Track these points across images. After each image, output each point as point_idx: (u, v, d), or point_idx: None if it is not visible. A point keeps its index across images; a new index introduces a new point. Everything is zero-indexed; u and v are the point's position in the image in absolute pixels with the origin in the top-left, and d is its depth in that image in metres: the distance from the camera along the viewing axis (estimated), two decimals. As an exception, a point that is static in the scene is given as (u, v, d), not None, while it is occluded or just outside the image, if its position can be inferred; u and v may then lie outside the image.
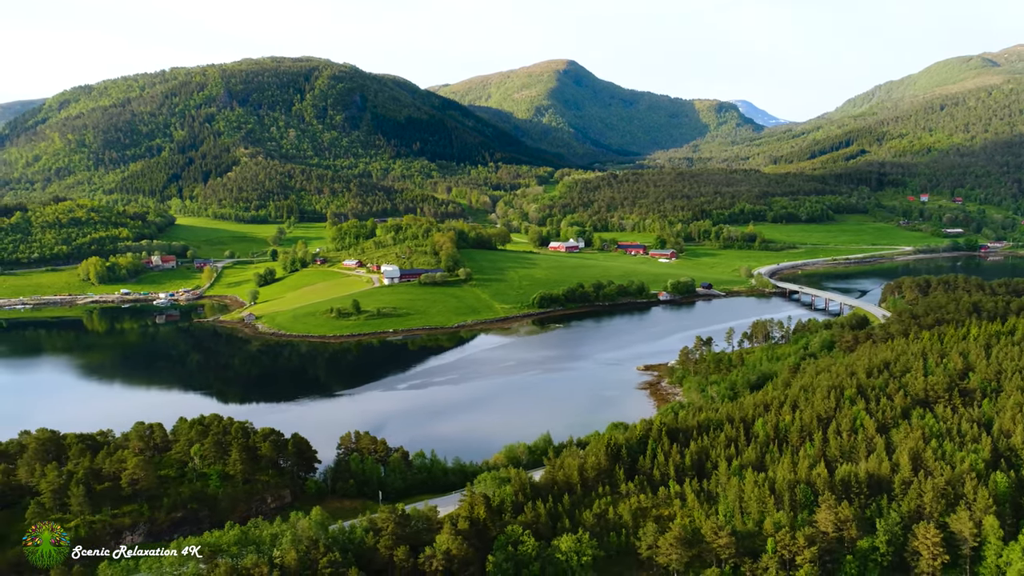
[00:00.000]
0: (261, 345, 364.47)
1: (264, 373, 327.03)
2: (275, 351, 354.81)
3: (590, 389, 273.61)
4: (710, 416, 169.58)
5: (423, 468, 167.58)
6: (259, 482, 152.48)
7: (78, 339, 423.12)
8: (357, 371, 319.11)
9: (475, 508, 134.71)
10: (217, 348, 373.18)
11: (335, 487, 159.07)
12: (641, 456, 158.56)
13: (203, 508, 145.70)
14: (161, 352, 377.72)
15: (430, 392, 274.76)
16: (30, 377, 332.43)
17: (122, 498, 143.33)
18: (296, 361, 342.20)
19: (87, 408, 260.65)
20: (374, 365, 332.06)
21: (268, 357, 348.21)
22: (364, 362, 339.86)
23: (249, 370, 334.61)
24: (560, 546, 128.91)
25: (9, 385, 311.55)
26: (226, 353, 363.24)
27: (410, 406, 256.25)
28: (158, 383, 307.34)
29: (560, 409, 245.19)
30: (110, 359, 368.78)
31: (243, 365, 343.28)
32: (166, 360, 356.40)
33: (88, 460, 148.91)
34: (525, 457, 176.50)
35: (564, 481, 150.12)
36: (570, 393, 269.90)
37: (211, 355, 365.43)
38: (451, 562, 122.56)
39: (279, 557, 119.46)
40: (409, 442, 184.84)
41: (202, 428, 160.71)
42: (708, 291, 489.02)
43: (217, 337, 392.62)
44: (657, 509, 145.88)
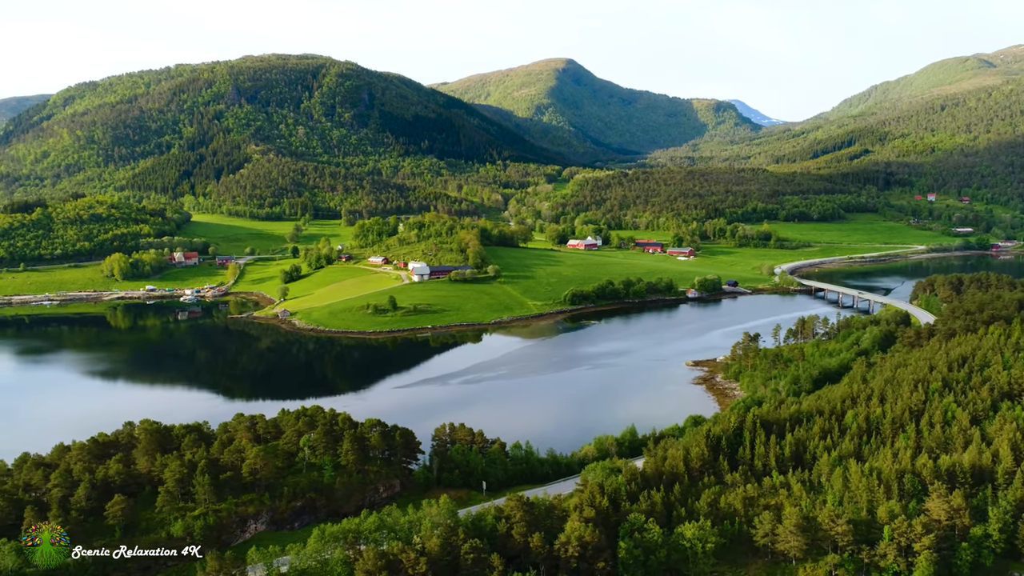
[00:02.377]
0: (302, 341, 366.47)
1: (315, 368, 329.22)
2: (320, 346, 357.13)
3: (646, 384, 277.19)
4: (800, 408, 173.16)
5: (520, 459, 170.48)
6: (370, 472, 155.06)
7: (116, 335, 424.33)
8: (406, 366, 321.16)
9: (596, 496, 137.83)
10: (260, 344, 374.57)
11: (440, 477, 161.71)
12: (740, 447, 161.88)
13: (320, 497, 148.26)
14: (206, 348, 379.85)
15: (485, 387, 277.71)
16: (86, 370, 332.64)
17: (242, 487, 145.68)
18: (343, 356, 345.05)
19: (159, 400, 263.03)
20: (421, 360, 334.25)
21: (313, 352, 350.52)
22: (410, 357, 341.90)
23: (300, 365, 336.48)
24: (684, 533, 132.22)
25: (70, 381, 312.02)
26: (272, 348, 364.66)
27: (469, 400, 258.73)
28: (212, 379, 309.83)
29: (624, 403, 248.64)
30: (156, 353, 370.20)
31: (293, 360, 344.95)
32: (214, 356, 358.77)
33: (203, 450, 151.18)
34: (614, 449, 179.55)
35: (671, 471, 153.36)
36: (627, 388, 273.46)
37: (257, 351, 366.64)
38: (585, 548, 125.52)
39: (419, 544, 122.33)
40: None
41: (308, 419, 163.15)
42: (734, 288, 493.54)
43: (256, 333, 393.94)
44: (764, 498, 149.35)
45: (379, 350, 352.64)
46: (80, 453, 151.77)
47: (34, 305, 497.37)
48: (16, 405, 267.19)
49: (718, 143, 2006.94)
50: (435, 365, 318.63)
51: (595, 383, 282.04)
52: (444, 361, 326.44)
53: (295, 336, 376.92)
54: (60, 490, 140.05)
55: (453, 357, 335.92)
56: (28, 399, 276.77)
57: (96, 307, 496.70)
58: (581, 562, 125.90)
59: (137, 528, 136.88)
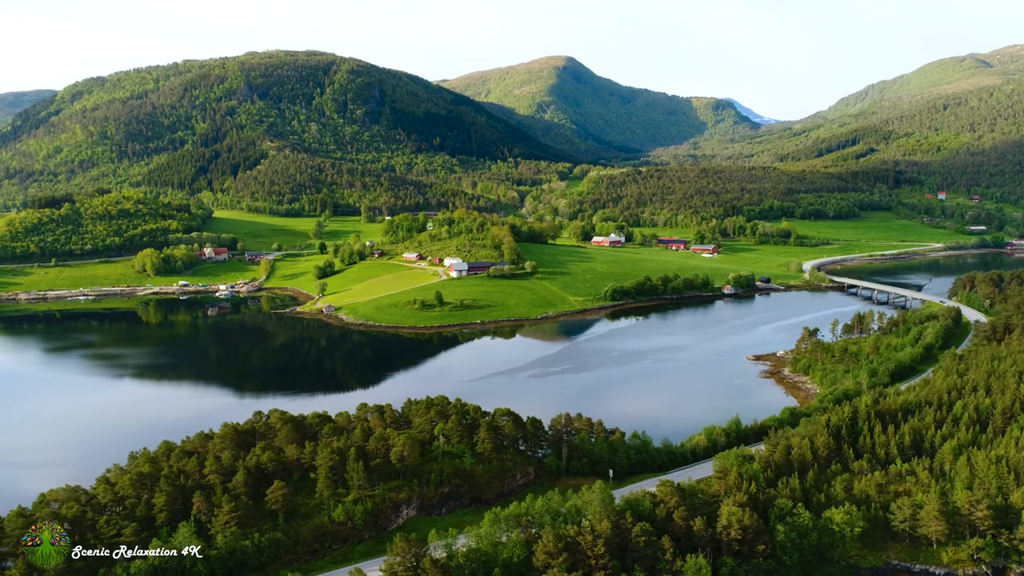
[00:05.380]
0: (354, 335, 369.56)
1: (379, 361, 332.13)
2: (373, 341, 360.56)
3: (715, 378, 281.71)
4: (908, 399, 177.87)
5: (638, 448, 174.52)
6: (506, 460, 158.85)
7: (154, 331, 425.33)
8: (465, 360, 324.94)
9: (743, 483, 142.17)
10: (319, 338, 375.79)
11: (569, 465, 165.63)
12: (860, 436, 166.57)
13: (464, 484, 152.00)
14: (264, 343, 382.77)
15: (554, 381, 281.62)
16: (154, 364, 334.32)
17: (390, 474, 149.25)
18: (401, 350, 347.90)
19: (243, 393, 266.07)
20: (477, 355, 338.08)
21: (370, 346, 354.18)
22: (465, 352, 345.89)
23: (364, 358, 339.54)
24: (833, 518, 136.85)
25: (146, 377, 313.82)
26: (331, 343, 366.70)
27: (544, 393, 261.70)
28: (288, 372, 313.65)
29: (701, 396, 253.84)
30: (210, 347, 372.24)
31: (356, 354, 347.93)
32: (280, 350, 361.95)
33: (345, 439, 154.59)
34: (723, 439, 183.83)
35: (799, 459, 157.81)
36: (698, 381, 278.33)
37: (318, 345, 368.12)
38: (746, 532, 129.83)
39: (587, 527, 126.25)
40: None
41: (439, 409, 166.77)
42: (767, 285, 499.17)
43: (305, 329, 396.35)
44: (892, 485, 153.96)
45: (432, 345, 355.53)
46: (223, 441, 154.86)
47: (70, 300, 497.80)
48: (133, 398, 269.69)
49: (718, 141, 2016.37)
50: (495, 360, 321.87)
51: (663, 377, 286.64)
52: (502, 356, 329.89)
53: (345, 331, 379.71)
54: (216, 476, 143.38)
55: (510, 352, 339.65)
56: (134, 396, 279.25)
57: (128, 302, 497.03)
58: (742, 545, 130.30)
59: (297, 513, 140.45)
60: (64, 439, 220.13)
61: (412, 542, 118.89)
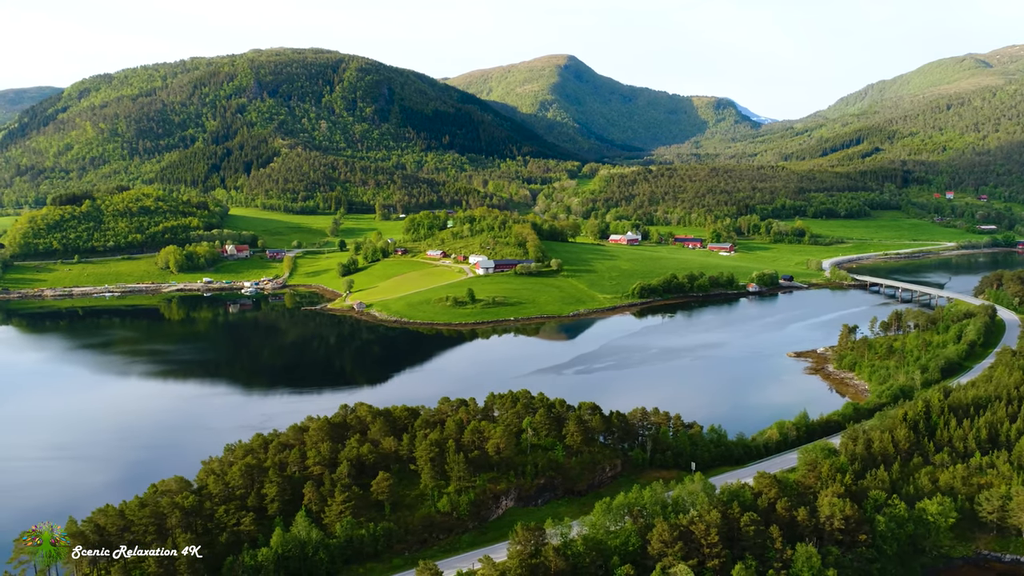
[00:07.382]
0: (389, 332, 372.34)
1: (423, 357, 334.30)
2: (415, 338, 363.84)
3: (761, 374, 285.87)
4: (978, 394, 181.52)
5: (716, 442, 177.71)
6: (596, 453, 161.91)
7: (184, 327, 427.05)
8: (511, 358, 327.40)
9: (837, 474, 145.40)
10: (359, 335, 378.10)
11: (653, 458, 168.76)
12: (937, 429, 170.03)
13: (557, 476, 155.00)
14: (304, 338, 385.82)
15: (600, 377, 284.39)
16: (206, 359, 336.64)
17: (486, 466, 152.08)
18: (439, 346, 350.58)
19: (305, 387, 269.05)
20: (515, 352, 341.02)
21: (407, 342, 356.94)
22: (502, 349, 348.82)
23: (407, 354, 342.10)
24: (928, 509, 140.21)
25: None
26: (371, 340, 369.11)
27: (594, 388, 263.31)
28: (338, 367, 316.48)
29: (753, 391, 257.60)
30: (252, 343, 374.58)
31: (397, 350, 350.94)
32: (323, 346, 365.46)
33: (439, 432, 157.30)
34: (793, 433, 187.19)
35: (881, 451, 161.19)
36: (744, 377, 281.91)
37: (360, 341, 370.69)
38: (847, 522, 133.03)
39: (696, 516, 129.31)
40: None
41: (526, 402, 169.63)
42: (790, 283, 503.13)
43: (340, 325, 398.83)
44: (974, 477, 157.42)
45: (468, 342, 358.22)
46: (319, 433, 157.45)
47: (95, 297, 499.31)
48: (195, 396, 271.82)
49: (720, 140, 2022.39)
50: (537, 356, 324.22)
51: (708, 373, 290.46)
52: (542, 353, 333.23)
53: (379, 327, 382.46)
54: (319, 468, 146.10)
55: (548, 349, 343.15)
56: (184, 392, 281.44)
57: (153, 299, 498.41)
58: (844, 535, 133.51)
59: (401, 504, 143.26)
60: (129, 439, 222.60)
61: (533, 530, 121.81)
